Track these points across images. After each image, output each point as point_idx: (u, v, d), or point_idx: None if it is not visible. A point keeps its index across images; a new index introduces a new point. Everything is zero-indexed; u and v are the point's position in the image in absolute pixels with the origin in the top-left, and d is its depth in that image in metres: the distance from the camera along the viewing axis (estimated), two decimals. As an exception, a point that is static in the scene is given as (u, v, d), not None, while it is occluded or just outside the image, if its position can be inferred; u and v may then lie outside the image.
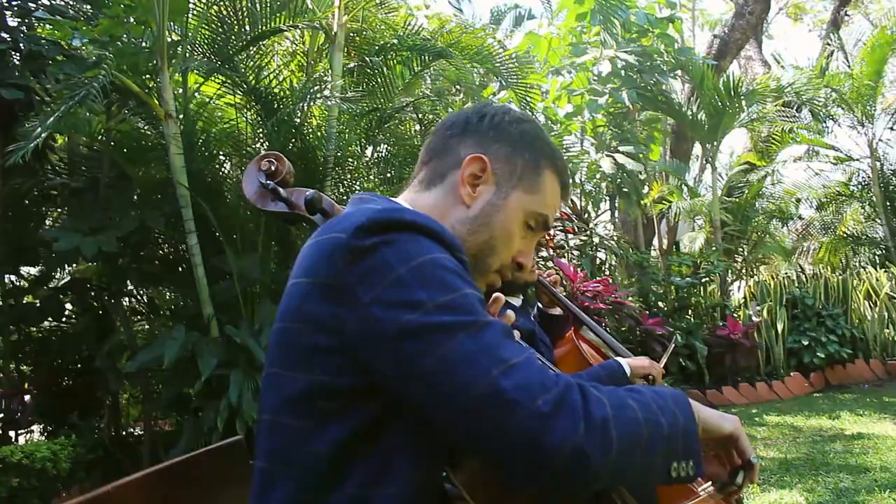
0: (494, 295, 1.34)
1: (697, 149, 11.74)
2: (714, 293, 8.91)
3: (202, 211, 4.99)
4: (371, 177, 6.03)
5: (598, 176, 7.74)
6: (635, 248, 8.63)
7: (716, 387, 7.79)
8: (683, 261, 8.46)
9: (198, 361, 4.68)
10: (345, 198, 5.77)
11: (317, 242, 1.11)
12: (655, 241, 10.28)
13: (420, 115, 6.27)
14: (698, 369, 7.82)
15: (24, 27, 5.61)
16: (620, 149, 7.41)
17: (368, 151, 6.35)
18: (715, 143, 8.73)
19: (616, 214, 10.04)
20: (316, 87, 5.19)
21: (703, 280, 8.25)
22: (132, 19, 5.18)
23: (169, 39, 4.96)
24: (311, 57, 6.21)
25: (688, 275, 8.38)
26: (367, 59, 5.54)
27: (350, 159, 5.70)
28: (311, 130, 5.43)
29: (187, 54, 5.15)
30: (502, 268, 1.31)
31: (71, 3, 5.91)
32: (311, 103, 5.36)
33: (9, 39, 5.34)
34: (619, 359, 2.57)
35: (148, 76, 5.05)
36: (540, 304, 3.00)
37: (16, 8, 5.60)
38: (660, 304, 8.10)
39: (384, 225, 1.06)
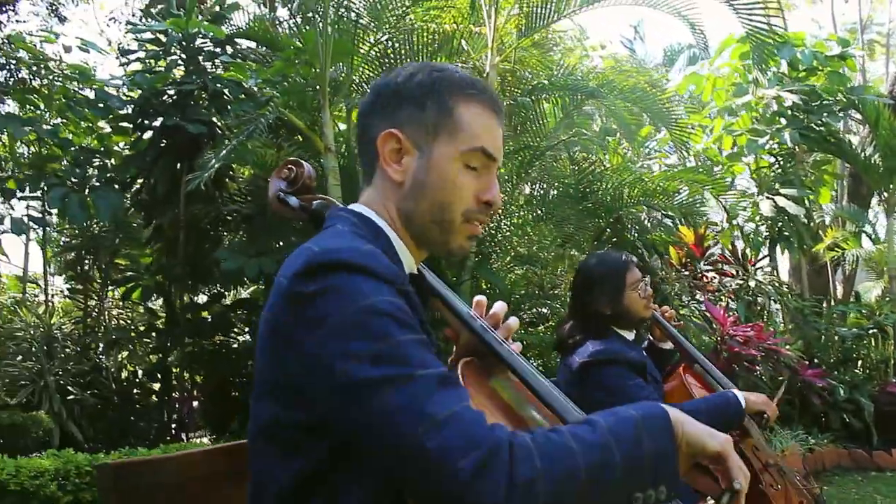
0: (476, 299, 1.37)
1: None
2: (888, 347, 8.31)
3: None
4: (523, 213, 6.16)
5: (757, 218, 7.49)
6: (798, 295, 8.22)
7: (884, 448, 7.23)
8: (850, 310, 7.96)
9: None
10: (497, 236, 5.95)
11: (276, 279, 1.14)
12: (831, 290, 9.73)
13: (573, 154, 6.36)
14: (865, 427, 7.30)
15: (211, 69, 6.24)
16: (782, 191, 7.14)
17: (526, 189, 6.50)
18: (892, 188, 8.19)
19: (781, 259, 9.60)
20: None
21: (871, 331, 7.73)
22: (302, 61, 5.66)
23: (332, 79, 5.36)
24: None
25: (854, 325, 7.88)
26: (518, 98, 5.73)
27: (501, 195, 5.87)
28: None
29: (351, 93, 5.54)
30: (469, 215, 1.27)
31: (251, 47, 6.52)
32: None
33: (199, 81, 5.97)
34: (736, 391, 2.55)
35: (314, 113, 5.48)
36: (651, 337, 3.00)
37: (206, 52, 6.25)
38: (822, 355, 7.66)
39: (320, 269, 1.07)
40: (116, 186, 6.01)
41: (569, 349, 2.65)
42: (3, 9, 10.36)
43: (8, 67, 6.72)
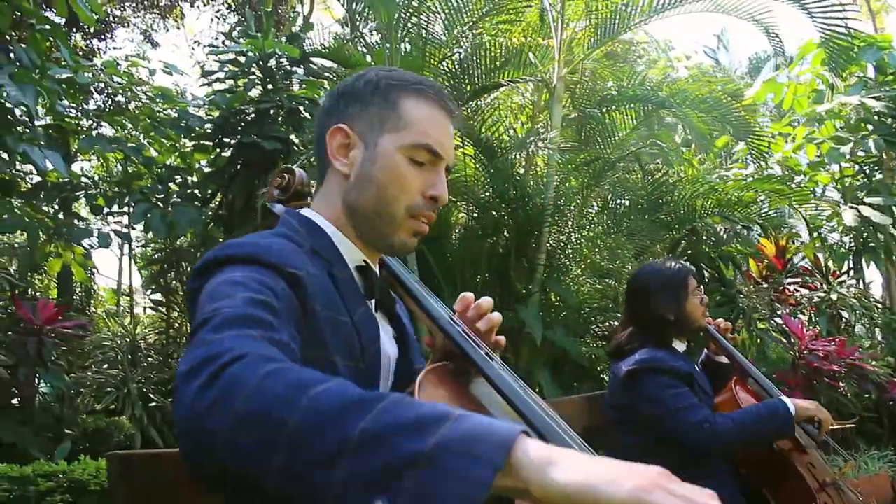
0: (462, 295, 1.34)
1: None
2: None
3: (422, 251, 5.40)
4: (593, 225, 6.11)
5: (840, 229, 7.21)
6: (889, 308, 7.86)
7: (984, 472, 6.83)
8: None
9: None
10: (567, 248, 5.92)
11: None
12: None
13: (645, 165, 6.28)
14: (963, 451, 6.92)
15: (287, 88, 6.43)
16: (867, 200, 6.85)
17: (598, 200, 6.44)
18: None
19: (873, 273, 9.19)
20: (531, 138, 5.43)
21: (967, 348, 7.32)
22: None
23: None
24: (537, 109, 6.49)
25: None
26: (586, 110, 5.71)
27: (570, 207, 5.85)
28: (530, 179, 5.68)
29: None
30: (413, 210, 1.28)
31: (326, 65, 6.70)
32: (534, 153, 5.61)
33: (276, 99, 6.17)
34: (784, 398, 2.49)
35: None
36: (707, 351, 2.95)
37: (282, 71, 6.45)
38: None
39: (205, 268, 1.10)
40: (197, 202, 6.26)
41: (625, 356, 2.63)
42: (102, 37, 10.92)
43: (106, 92, 7.10)
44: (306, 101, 6.19)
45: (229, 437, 0.79)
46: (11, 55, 4.16)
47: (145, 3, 11.02)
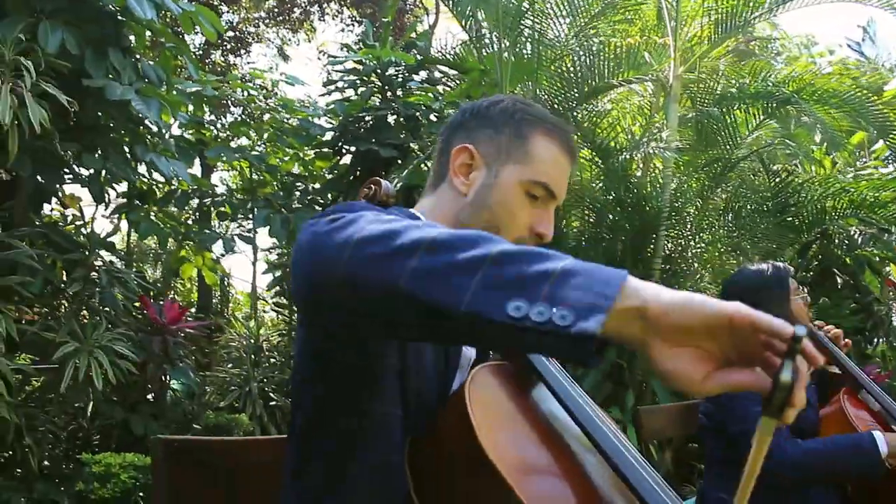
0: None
1: None
2: None
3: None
4: (714, 228, 5.88)
5: None
6: None
7: None
8: None
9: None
10: (683, 248, 5.73)
11: None
12: None
13: (770, 165, 5.97)
14: None
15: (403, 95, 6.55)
16: None
17: (719, 204, 6.20)
18: None
19: None
20: (646, 139, 5.29)
21: None
22: (489, 82, 5.79)
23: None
24: (654, 109, 6.31)
25: None
26: (704, 109, 5.50)
27: (689, 209, 5.66)
28: (647, 181, 5.53)
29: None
30: (518, 242, 1.17)
31: (445, 71, 6.77)
32: (651, 154, 5.45)
33: (394, 106, 6.30)
34: (876, 432, 2.28)
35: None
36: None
37: (400, 79, 6.57)
38: None
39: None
40: (318, 208, 6.47)
41: None
42: (240, 52, 11.51)
43: (243, 106, 7.47)
44: (423, 108, 6.27)
45: (360, 245, 0.91)
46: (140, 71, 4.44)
47: (278, 18, 11.48)
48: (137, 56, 4.61)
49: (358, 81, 6.58)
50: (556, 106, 5.46)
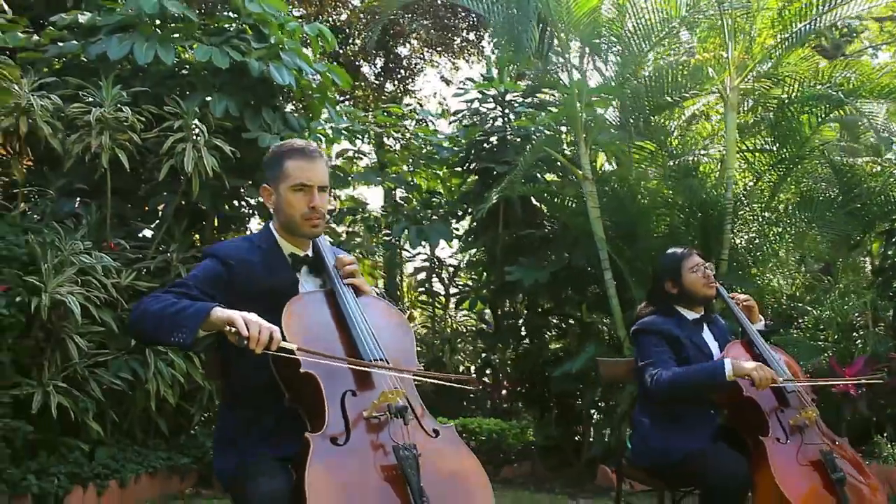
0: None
1: None
2: None
3: (619, 251, 6.17)
4: (779, 228, 6.22)
5: None
6: None
7: None
8: None
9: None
10: (741, 248, 6.23)
11: None
12: None
13: (831, 161, 6.29)
14: None
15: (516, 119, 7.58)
16: None
17: (787, 199, 6.58)
18: None
19: None
20: (703, 145, 5.94)
21: None
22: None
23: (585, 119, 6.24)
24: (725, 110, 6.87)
25: None
26: (763, 114, 6.04)
27: (754, 206, 6.19)
28: (712, 183, 6.17)
29: (608, 128, 6.45)
30: (304, 216, 2.45)
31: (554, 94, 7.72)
32: (716, 156, 6.06)
33: (509, 128, 7.38)
34: (727, 359, 3.10)
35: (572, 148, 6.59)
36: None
37: (516, 104, 7.61)
38: None
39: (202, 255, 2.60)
40: (453, 219, 7.64)
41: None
42: (409, 81, 13.00)
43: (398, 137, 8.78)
44: (532, 129, 7.27)
45: (136, 320, 2.26)
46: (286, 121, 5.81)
47: (439, 48, 12.76)
48: (286, 110, 5.99)
49: (480, 107, 7.66)
50: (630, 120, 6.21)
